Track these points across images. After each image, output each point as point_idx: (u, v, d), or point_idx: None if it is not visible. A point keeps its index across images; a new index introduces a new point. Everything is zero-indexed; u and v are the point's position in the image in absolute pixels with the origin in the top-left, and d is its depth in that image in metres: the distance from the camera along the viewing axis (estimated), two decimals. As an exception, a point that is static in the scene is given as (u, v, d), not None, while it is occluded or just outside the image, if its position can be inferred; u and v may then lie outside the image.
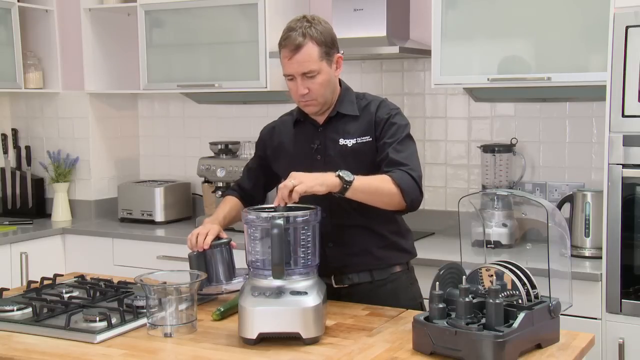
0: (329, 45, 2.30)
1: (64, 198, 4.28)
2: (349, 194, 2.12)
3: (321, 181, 2.08)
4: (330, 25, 2.36)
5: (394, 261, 2.43)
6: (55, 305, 2.27)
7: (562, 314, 1.97)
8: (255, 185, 2.61)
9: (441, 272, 1.97)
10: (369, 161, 2.32)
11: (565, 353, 1.90)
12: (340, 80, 2.42)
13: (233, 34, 3.83)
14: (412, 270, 2.51)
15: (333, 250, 2.36)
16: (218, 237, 2.38)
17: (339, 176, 2.10)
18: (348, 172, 2.12)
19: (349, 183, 2.10)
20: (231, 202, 2.58)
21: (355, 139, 2.34)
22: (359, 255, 2.36)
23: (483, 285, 2.00)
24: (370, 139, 2.34)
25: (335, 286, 2.39)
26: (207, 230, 2.36)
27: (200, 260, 2.33)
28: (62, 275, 2.71)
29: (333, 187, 2.10)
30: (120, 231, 3.94)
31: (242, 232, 2.11)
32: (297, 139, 2.44)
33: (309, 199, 2.12)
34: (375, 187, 2.18)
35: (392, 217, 2.41)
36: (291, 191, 2.03)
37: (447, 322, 1.86)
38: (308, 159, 2.38)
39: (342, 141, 2.35)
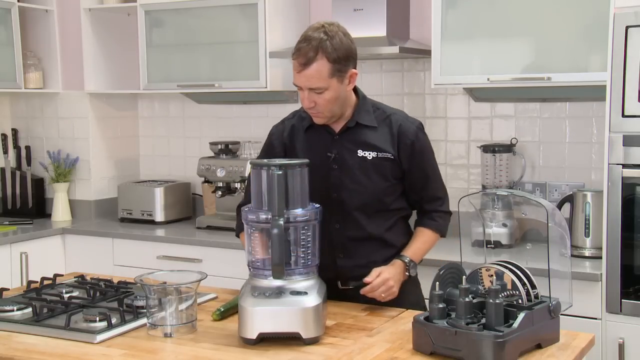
0: (342, 62, 2.19)
1: (64, 198, 4.27)
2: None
3: (399, 285, 2.30)
4: (349, 39, 2.23)
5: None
6: (55, 305, 2.27)
7: (562, 314, 1.97)
8: None
9: (441, 272, 1.97)
10: (390, 175, 2.33)
11: (565, 353, 1.90)
12: (356, 88, 2.35)
13: (233, 34, 3.83)
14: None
15: (343, 261, 2.35)
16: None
17: (408, 274, 2.32)
18: (414, 263, 2.34)
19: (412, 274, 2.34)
20: None
21: (375, 153, 2.31)
22: (368, 267, 2.32)
23: (483, 285, 2.00)
24: (392, 157, 2.31)
25: (341, 287, 2.37)
26: None
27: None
28: (62, 275, 2.71)
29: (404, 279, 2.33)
30: (120, 231, 3.94)
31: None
32: (312, 145, 2.35)
33: (321, 204, 2.15)
34: (424, 256, 2.45)
35: (408, 229, 2.45)
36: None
37: (447, 322, 1.86)
38: (324, 167, 2.31)
39: (360, 152, 2.31)
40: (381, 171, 2.31)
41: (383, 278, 2.23)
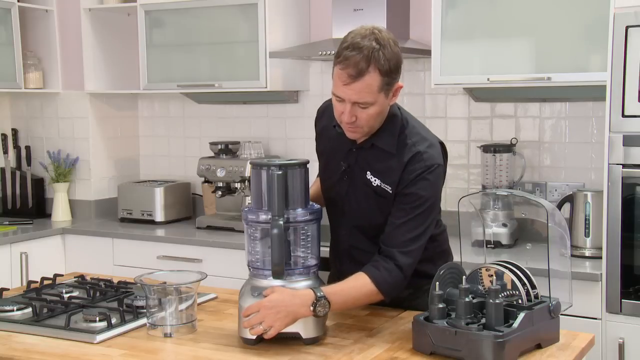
0: (393, 75, 1.99)
1: (64, 198, 4.27)
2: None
3: (292, 319, 1.91)
4: (398, 47, 2.02)
5: (412, 284, 2.16)
6: (55, 305, 2.27)
7: (562, 314, 1.97)
8: None
9: (441, 272, 1.97)
10: (387, 210, 2.10)
11: (565, 353, 1.90)
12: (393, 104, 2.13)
13: (233, 34, 3.83)
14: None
15: (348, 266, 2.18)
16: None
17: (314, 310, 1.91)
18: (326, 302, 1.92)
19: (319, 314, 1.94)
20: (317, 182, 2.35)
21: (380, 181, 2.10)
22: None
23: (483, 285, 2.00)
24: (391, 192, 2.09)
25: None
26: None
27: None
28: (62, 275, 2.71)
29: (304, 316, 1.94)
30: (120, 231, 3.94)
31: (242, 232, 2.11)
32: (335, 145, 2.21)
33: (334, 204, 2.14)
34: (352, 304, 2.07)
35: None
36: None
37: (447, 322, 1.86)
38: (338, 172, 2.20)
39: (368, 175, 2.12)
40: (380, 201, 2.12)
41: (261, 305, 1.91)
